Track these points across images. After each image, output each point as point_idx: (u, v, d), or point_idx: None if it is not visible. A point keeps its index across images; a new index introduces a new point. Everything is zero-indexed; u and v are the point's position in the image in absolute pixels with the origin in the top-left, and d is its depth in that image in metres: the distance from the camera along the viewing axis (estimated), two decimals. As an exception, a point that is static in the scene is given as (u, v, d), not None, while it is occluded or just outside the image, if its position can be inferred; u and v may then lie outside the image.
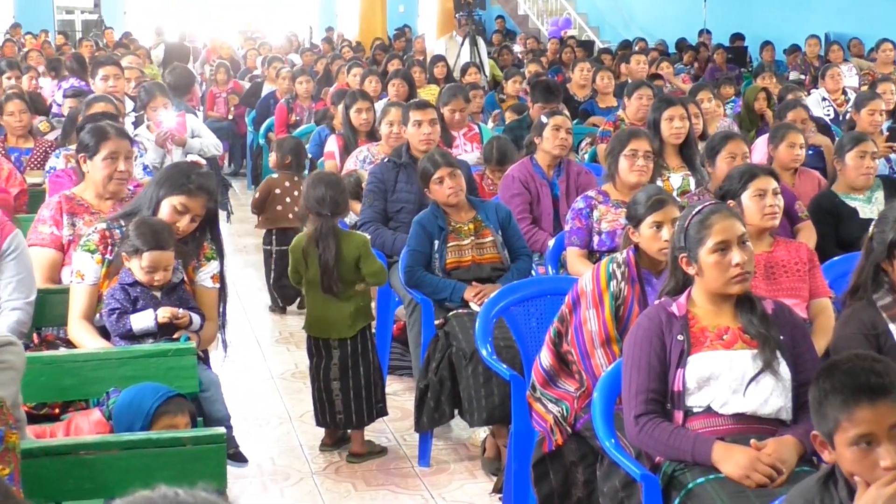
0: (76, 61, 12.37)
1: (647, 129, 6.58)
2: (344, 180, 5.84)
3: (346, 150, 8.19)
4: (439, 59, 13.51)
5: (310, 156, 9.05)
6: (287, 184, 8.23)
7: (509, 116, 9.54)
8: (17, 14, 25.96)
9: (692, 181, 6.50)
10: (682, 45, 18.65)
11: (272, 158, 8.52)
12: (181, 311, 4.41)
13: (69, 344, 4.55)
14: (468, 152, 8.11)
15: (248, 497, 5.08)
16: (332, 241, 5.39)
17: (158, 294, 4.44)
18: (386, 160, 6.78)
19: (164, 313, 4.35)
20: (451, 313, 5.41)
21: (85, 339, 4.41)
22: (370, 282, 5.48)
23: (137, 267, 4.39)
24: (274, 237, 8.20)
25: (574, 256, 5.60)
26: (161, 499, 1.68)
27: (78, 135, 5.52)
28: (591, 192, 5.78)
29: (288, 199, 8.15)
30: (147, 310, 4.37)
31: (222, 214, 7.67)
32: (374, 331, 5.72)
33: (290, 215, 8.10)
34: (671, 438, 3.50)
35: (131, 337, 4.37)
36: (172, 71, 10.99)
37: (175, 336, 4.38)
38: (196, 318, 4.48)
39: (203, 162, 7.71)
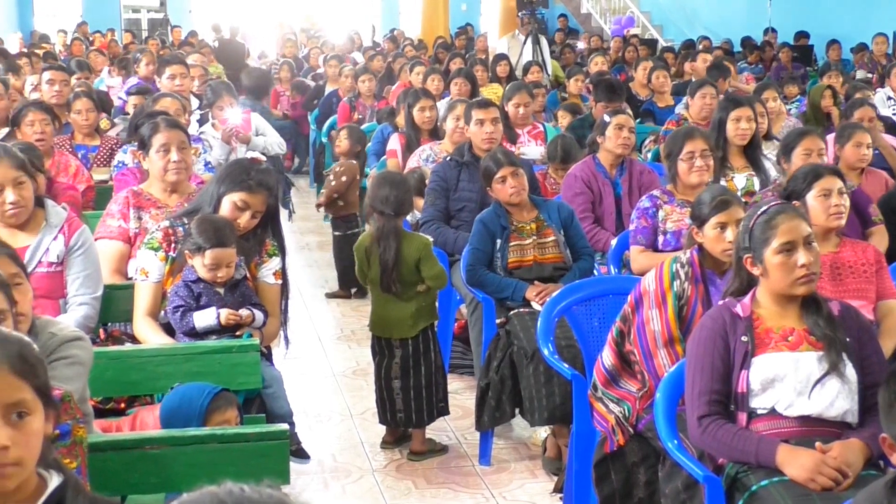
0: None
1: (710, 128, 6.54)
2: (409, 179, 5.84)
3: (409, 149, 8.21)
4: (502, 57, 13.49)
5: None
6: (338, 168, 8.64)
7: (563, 116, 9.48)
8: (85, 13, 26.30)
9: (756, 182, 6.44)
10: (747, 43, 18.48)
11: (343, 145, 8.74)
12: (244, 312, 4.44)
13: (135, 340, 4.60)
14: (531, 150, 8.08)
15: (309, 493, 5.10)
16: (392, 241, 5.40)
17: (221, 291, 4.48)
18: (448, 159, 6.79)
19: (227, 316, 4.39)
20: (512, 312, 5.40)
21: (149, 335, 4.47)
22: (430, 285, 5.47)
23: (200, 264, 4.44)
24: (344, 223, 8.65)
25: (640, 253, 5.58)
26: (227, 495, 1.70)
27: (137, 132, 5.64)
28: (656, 192, 5.75)
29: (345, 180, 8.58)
30: (210, 308, 4.41)
31: (284, 213, 7.73)
32: (436, 330, 5.70)
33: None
34: (735, 440, 3.48)
35: (195, 334, 4.42)
36: (250, 74, 11.08)
37: (238, 333, 4.42)
38: (259, 315, 4.51)
39: (263, 158, 7.75)
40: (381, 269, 5.43)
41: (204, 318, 4.40)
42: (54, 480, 2.36)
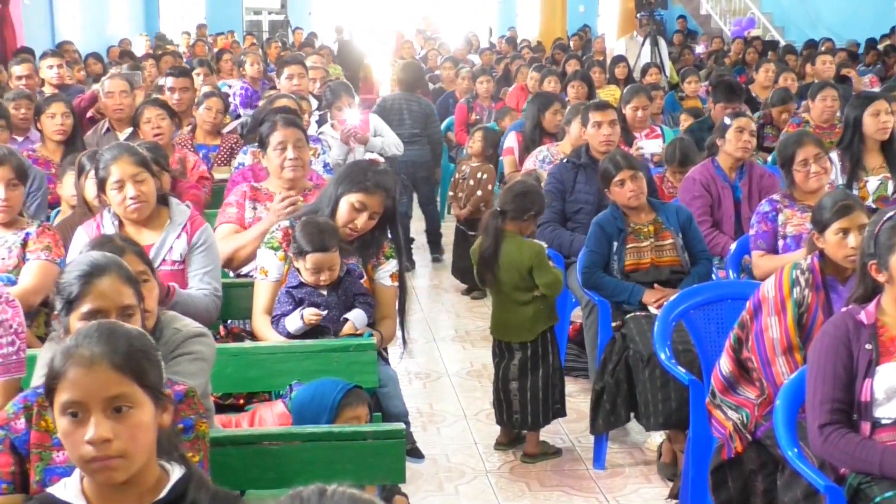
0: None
1: (843, 129, 6.41)
2: (536, 190, 5.85)
3: (526, 149, 8.20)
4: (620, 59, 13.39)
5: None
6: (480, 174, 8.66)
7: (685, 119, 9.38)
8: (208, 15, 26.78)
9: (891, 185, 6.29)
10: (871, 45, 18.08)
11: (476, 147, 8.75)
12: (325, 312, 4.41)
13: (254, 337, 4.66)
14: (649, 161, 7.99)
15: (423, 493, 5.12)
16: (490, 237, 5.45)
17: (325, 292, 4.48)
18: (565, 160, 6.77)
19: (309, 316, 4.38)
20: (628, 315, 5.36)
21: (268, 333, 4.52)
22: (545, 293, 5.44)
23: (303, 268, 4.46)
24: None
25: (761, 257, 5.50)
26: (313, 495, 1.73)
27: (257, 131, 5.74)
28: (776, 196, 5.66)
29: (472, 182, 8.64)
30: (294, 312, 4.41)
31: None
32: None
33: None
34: (858, 450, 3.40)
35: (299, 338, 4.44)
36: (405, 67, 11.19)
37: (359, 332, 4.43)
38: (359, 316, 4.47)
39: (381, 160, 7.80)
40: (478, 261, 5.46)
41: (292, 322, 4.41)
42: (176, 473, 2.40)
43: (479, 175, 8.64)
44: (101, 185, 4.61)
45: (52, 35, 16.07)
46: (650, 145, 7.74)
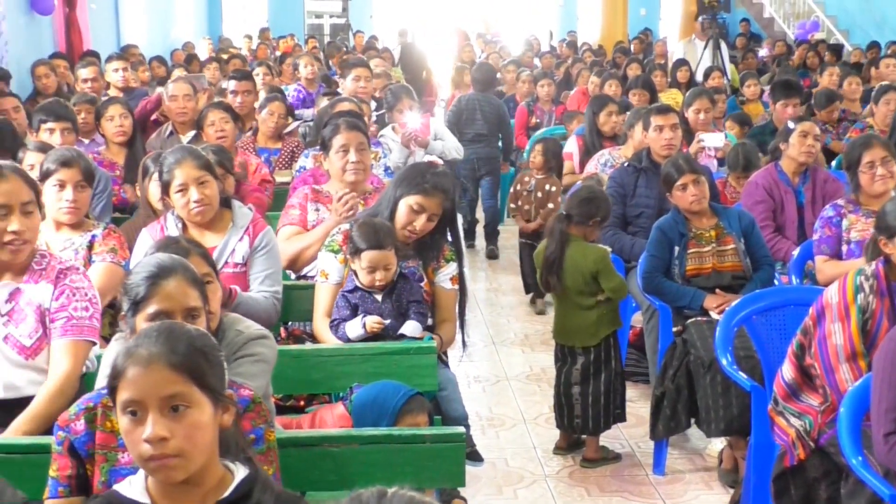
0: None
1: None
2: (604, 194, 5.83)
3: (587, 153, 8.18)
4: (682, 63, 13.33)
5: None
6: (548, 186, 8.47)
7: (731, 127, 9.27)
8: (270, 19, 26.97)
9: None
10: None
11: (538, 160, 8.52)
12: (388, 321, 4.40)
13: (314, 339, 4.69)
14: (710, 157, 7.95)
15: (482, 497, 5.12)
16: (555, 241, 5.44)
17: (379, 297, 4.47)
18: (626, 164, 6.74)
19: (371, 325, 4.37)
20: (689, 321, 5.32)
21: (328, 335, 4.53)
22: (611, 297, 5.43)
23: (359, 268, 4.45)
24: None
25: (824, 262, 5.44)
26: (373, 497, 1.74)
27: (319, 134, 5.78)
28: (840, 201, 5.61)
29: (540, 195, 8.46)
30: (356, 318, 4.41)
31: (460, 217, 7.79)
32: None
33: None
34: (923, 460, 3.36)
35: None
36: (479, 68, 11.42)
37: (420, 336, 4.43)
38: (415, 328, 4.45)
39: (440, 162, 7.81)
40: (542, 265, 5.45)
41: (353, 329, 4.41)
42: (240, 473, 2.42)
43: (546, 187, 8.47)
44: (165, 187, 4.66)
45: (118, 39, 16.25)
46: (711, 139, 7.66)
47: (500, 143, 10.76)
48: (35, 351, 3.65)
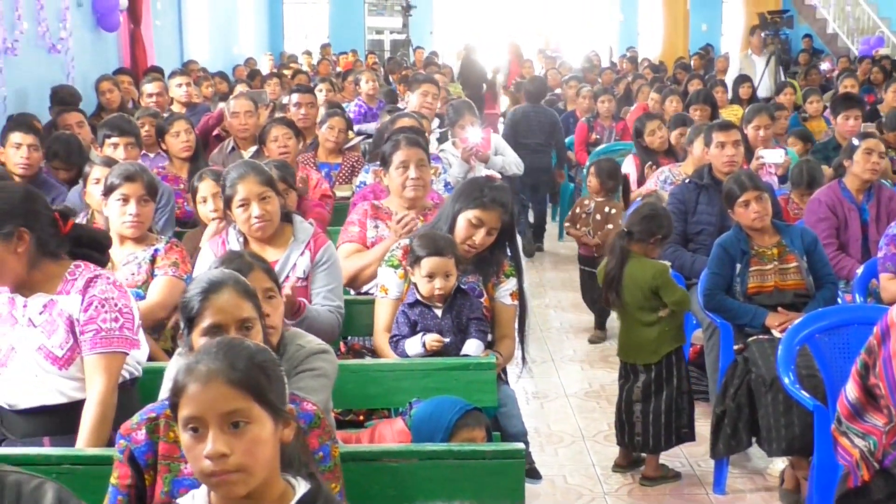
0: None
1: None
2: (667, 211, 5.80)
3: (643, 172, 8.16)
4: (744, 79, 13.23)
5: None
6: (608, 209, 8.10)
7: (793, 143, 9.18)
8: (331, 34, 27.16)
9: None
10: None
11: (593, 183, 8.18)
12: (448, 339, 4.38)
13: (374, 354, 4.70)
14: (770, 174, 7.90)
15: (540, 514, 5.11)
16: (616, 257, 5.43)
17: (439, 312, 4.45)
18: (687, 181, 6.70)
19: (431, 343, 4.34)
20: (751, 339, 5.28)
21: (389, 351, 4.52)
22: (675, 310, 5.39)
23: (419, 277, 4.43)
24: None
25: (889, 280, 5.37)
26: None
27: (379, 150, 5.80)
28: (905, 218, 5.54)
29: (598, 217, 8.11)
30: (415, 336, 4.39)
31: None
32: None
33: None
34: None
35: None
36: (532, 80, 11.75)
37: (481, 354, 4.41)
38: (477, 347, 4.41)
39: (498, 176, 7.81)
40: (603, 281, 5.44)
41: (412, 346, 4.38)
42: (301, 488, 2.42)
43: (606, 210, 8.11)
44: (227, 202, 4.69)
45: (181, 55, 16.44)
46: (771, 155, 7.60)
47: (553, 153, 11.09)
48: (67, 361, 3.67)
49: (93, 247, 3.88)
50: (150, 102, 9.34)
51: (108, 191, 4.83)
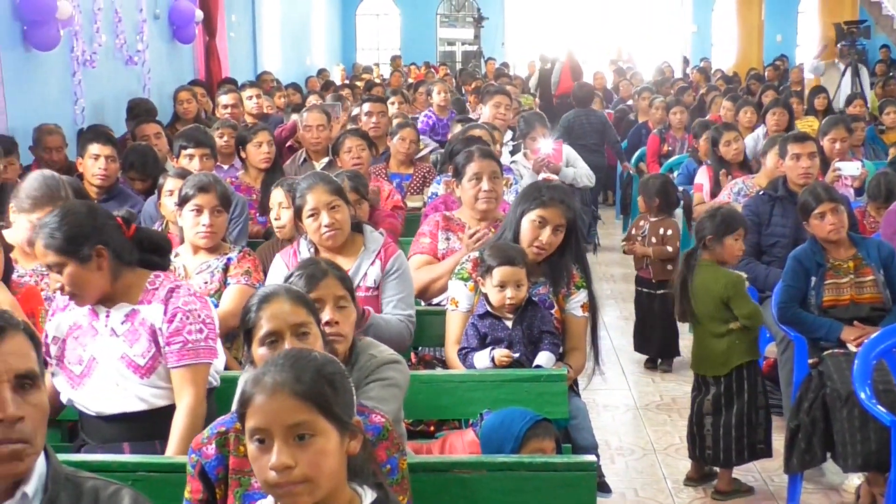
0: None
1: None
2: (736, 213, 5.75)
3: (717, 183, 8.09)
4: (820, 90, 13.10)
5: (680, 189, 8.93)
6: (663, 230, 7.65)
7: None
8: (403, 46, 27.32)
9: None
10: None
11: (641, 203, 7.90)
12: (517, 354, 4.35)
13: (445, 364, 4.70)
14: (847, 186, 7.80)
15: (610, 527, 5.07)
16: (689, 267, 5.39)
17: (509, 324, 4.42)
18: (761, 193, 6.64)
19: (500, 358, 4.32)
20: (826, 353, 5.21)
21: (458, 363, 4.51)
22: (745, 324, 5.33)
23: (490, 287, 4.42)
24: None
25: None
26: None
27: (452, 161, 5.81)
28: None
29: (654, 239, 7.65)
30: (484, 350, 4.37)
31: (589, 246, 7.74)
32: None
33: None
34: None
35: None
36: (581, 87, 12.22)
37: (555, 365, 4.39)
38: (549, 359, 4.38)
39: (554, 177, 7.78)
40: (677, 292, 5.40)
41: (481, 360, 4.36)
42: (368, 497, 2.43)
43: (660, 231, 7.65)
44: (298, 212, 4.74)
45: (255, 66, 16.63)
46: (848, 167, 7.51)
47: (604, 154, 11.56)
48: (149, 370, 3.71)
49: (154, 250, 3.92)
50: (226, 113, 9.44)
51: (183, 201, 4.90)
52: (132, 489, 2.42)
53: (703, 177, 8.56)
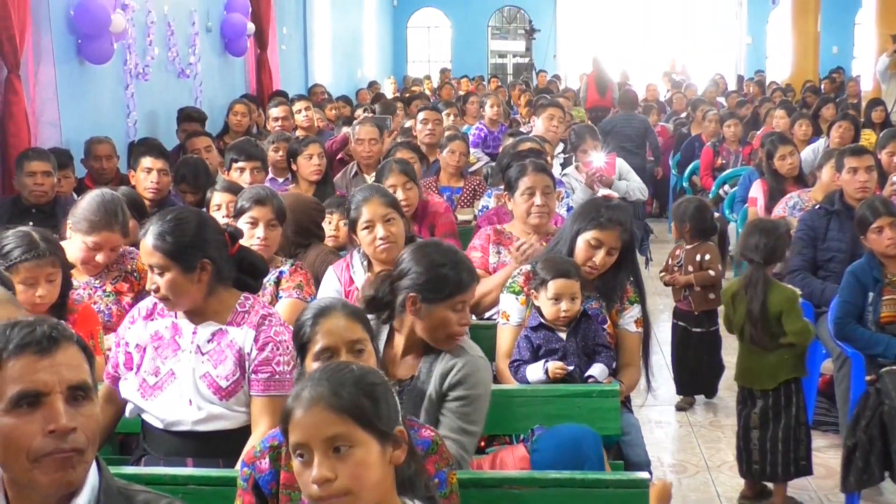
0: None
1: None
2: (781, 226, 5.67)
3: (772, 197, 8.04)
4: (878, 102, 12.97)
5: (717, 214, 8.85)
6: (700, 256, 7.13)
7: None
8: (454, 58, 27.37)
9: None
10: None
11: (674, 229, 7.38)
12: (571, 367, 4.34)
13: (496, 379, 4.69)
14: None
15: (663, 545, 5.03)
16: (759, 290, 5.29)
17: (563, 335, 4.42)
18: (817, 207, 6.59)
19: (554, 371, 4.30)
20: (883, 369, 5.14)
21: (510, 376, 4.51)
22: (793, 340, 5.28)
23: (544, 300, 4.41)
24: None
25: None
26: None
27: (504, 174, 5.80)
28: None
29: (690, 268, 7.09)
30: (539, 362, 4.36)
31: (641, 259, 7.68)
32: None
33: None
34: None
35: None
36: (624, 94, 12.69)
37: (605, 381, 4.36)
38: (603, 371, 4.37)
39: (614, 195, 7.74)
40: (746, 318, 5.33)
41: (534, 372, 4.35)
42: (416, 509, 2.44)
43: (697, 258, 7.11)
44: (352, 225, 4.76)
45: (306, 79, 16.73)
46: None
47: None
48: (230, 393, 3.66)
49: (250, 272, 3.93)
50: (276, 126, 9.51)
51: (238, 213, 4.94)
52: (183, 502, 2.44)
53: (757, 191, 8.50)
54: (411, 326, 3.69)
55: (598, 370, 4.35)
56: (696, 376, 7.11)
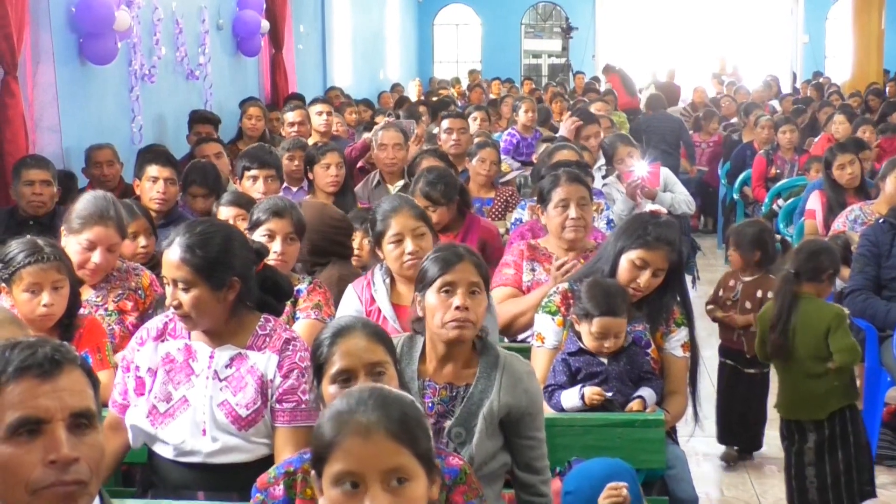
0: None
1: None
2: (833, 246, 5.65)
3: (831, 210, 8.00)
4: (947, 107, 12.93)
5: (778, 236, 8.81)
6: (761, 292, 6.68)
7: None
8: (484, 59, 27.37)
9: None
10: None
11: (734, 256, 6.89)
12: (610, 393, 4.31)
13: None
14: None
15: (711, 588, 5.03)
16: (786, 301, 5.33)
17: (605, 360, 4.41)
18: (881, 221, 6.56)
19: (591, 396, 4.27)
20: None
21: (547, 406, 4.51)
22: (836, 360, 5.25)
23: (587, 331, 4.39)
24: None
25: None
26: None
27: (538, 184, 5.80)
28: None
29: (748, 305, 6.71)
30: (574, 388, 4.34)
31: (688, 279, 7.64)
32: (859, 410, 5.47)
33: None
34: None
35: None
36: (655, 96, 13.03)
37: (649, 409, 4.34)
38: (651, 394, 4.37)
39: (663, 210, 7.71)
40: (770, 327, 5.33)
41: (569, 398, 4.31)
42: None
43: (758, 294, 6.67)
44: (378, 238, 4.74)
45: (324, 80, 16.73)
46: None
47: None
48: (250, 423, 3.61)
49: (273, 293, 3.91)
50: (292, 132, 9.48)
51: (254, 226, 4.89)
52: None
53: (815, 202, 8.45)
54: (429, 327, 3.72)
55: (646, 393, 4.33)
56: (743, 423, 6.84)
